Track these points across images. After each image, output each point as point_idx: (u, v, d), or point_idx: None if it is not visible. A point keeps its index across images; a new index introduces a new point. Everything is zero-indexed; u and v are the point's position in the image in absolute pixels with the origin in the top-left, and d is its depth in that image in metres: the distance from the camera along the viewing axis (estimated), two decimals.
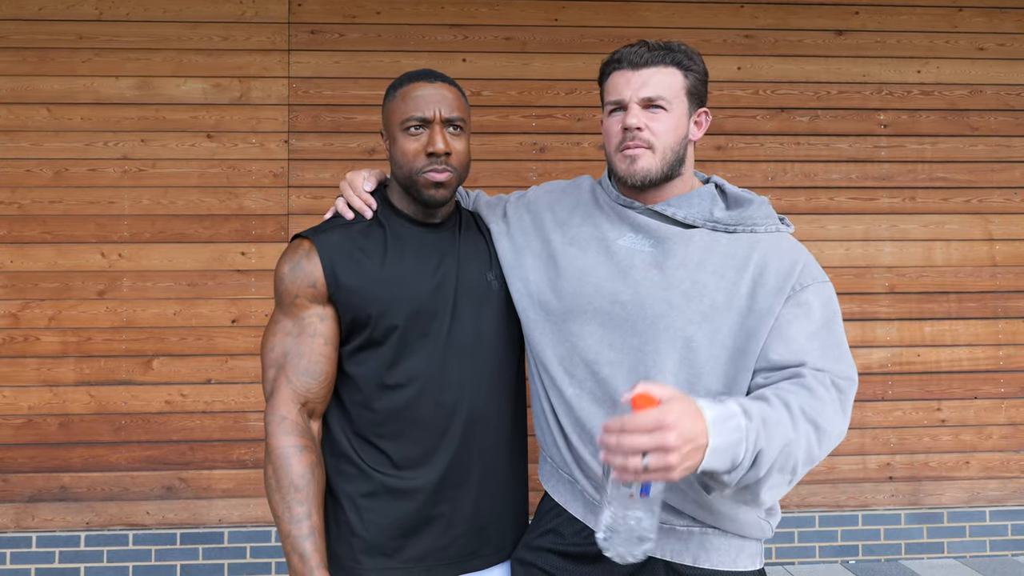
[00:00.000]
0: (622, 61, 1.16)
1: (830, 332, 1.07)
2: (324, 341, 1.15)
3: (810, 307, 1.07)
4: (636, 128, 1.13)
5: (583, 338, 1.14)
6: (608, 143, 1.19)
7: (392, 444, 1.17)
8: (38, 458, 3.07)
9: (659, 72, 1.14)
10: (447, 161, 1.18)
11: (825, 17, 3.36)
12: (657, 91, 1.13)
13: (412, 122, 1.18)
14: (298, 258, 1.17)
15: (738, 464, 0.90)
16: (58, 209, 3.11)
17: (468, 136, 1.23)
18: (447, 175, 1.18)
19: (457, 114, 1.19)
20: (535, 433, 1.29)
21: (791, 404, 0.96)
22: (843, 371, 1.04)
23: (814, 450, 0.97)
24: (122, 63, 3.14)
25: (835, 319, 1.09)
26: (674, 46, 1.16)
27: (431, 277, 1.19)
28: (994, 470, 3.33)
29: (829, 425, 0.98)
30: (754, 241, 1.13)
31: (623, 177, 1.17)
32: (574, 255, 1.19)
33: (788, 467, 0.94)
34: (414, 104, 1.17)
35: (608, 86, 1.18)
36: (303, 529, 1.09)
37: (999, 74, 3.39)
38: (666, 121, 1.14)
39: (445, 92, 1.19)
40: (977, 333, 3.34)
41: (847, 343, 1.09)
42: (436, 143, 1.16)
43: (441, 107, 1.17)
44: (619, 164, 1.16)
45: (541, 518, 1.23)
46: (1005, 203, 3.38)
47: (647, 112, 1.14)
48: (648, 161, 1.14)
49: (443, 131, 1.17)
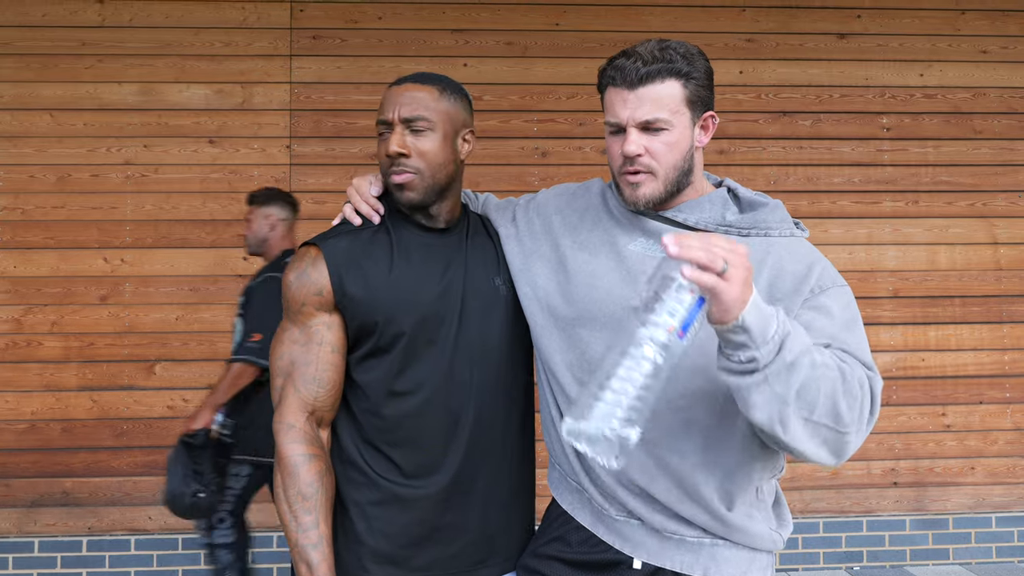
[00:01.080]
0: (616, 78, 1.11)
1: (851, 333, 1.04)
2: (331, 349, 1.14)
3: (829, 311, 1.04)
4: (636, 155, 1.09)
5: (592, 344, 1.12)
6: (611, 163, 1.17)
7: (401, 452, 1.16)
8: (40, 463, 3.07)
9: (656, 89, 1.08)
10: (404, 162, 1.16)
11: (827, 21, 3.36)
12: (655, 112, 1.08)
13: (380, 127, 1.19)
14: (305, 266, 1.15)
15: (768, 339, 0.90)
16: (61, 214, 3.11)
17: (442, 134, 1.18)
18: (407, 176, 1.16)
19: (419, 113, 1.16)
20: (542, 439, 1.28)
21: (842, 363, 0.96)
22: (870, 363, 1.02)
23: (839, 399, 0.94)
24: (125, 69, 3.15)
25: (856, 322, 1.06)
26: (671, 53, 1.10)
27: (438, 283, 1.18)
28: (1000, 476, 3.31)
29: (859, 389, 0.96)
30: (768, 245, 1.10)
31: (626, 202, 1.15)
32: (584, 260, 1.17)
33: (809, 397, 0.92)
34: (381, 108, 1.19)
35: (606, 102, 1.15)
36: (311, 538, 1.08)
37: (1002, 77, 3.38)
38: (667, 140, 1.10)
39: (413, 92, 1.17)
40: (982, 337, 3.33)
41: (869, 348, 1.05)
42: (390, 145, 1.16)
43: (400, 108, 1.16)
44: (623, 188, 1.14)
45: (548, 525, 1.22)
46: (1010, 207, 3.37)
47: (646, 135, 1.09)
48: (651, 187, 1.11)
49: (401, 132, 1.16)
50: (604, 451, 0.86)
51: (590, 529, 1.16)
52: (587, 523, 1.16)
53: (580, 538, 1.16)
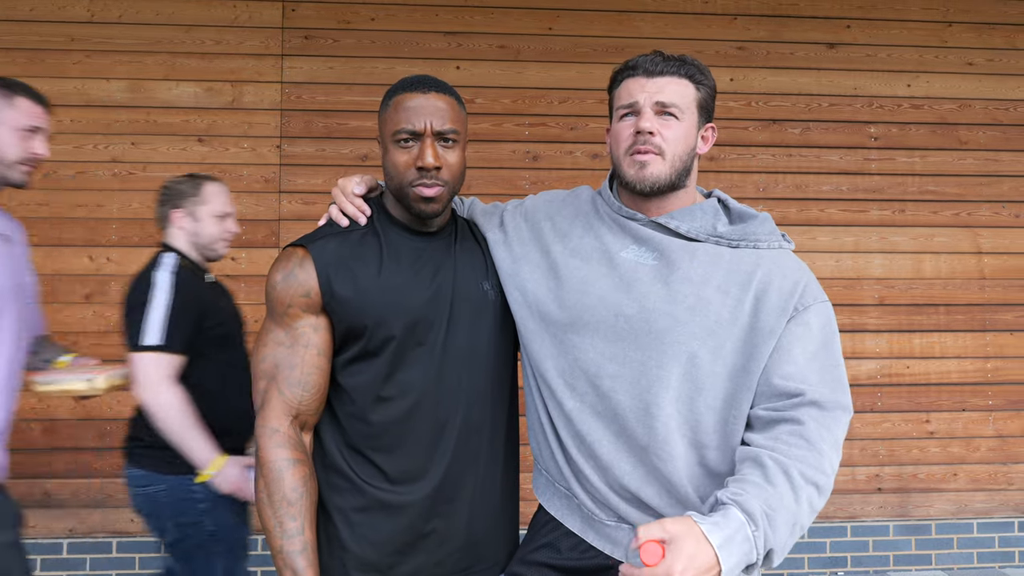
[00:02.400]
0: (637, 68, 1.16)
1: (829, 354, 1.08)
2: (317, 352, 1.13)
3: (810, 327, 1.08)
4: (649, 132, 1.12)
5: (585, 351, 1.13)
6: (617, 147, 1.18)
7: (386, 457, 1.15)
8: (21, 464, 3.01)
9: (673, 82, 1.15)
10: (437, 175, 1.15)
11: (817, 30, 3.39)
12: (671, 98, 1.14)
13: (403, 134, 1.14)
14: (292, 267, 1.14)
15: (752, 564, 0.94)
16: (46, 212, 3.07)
17: (463, 147, 1.20)
18: (437, 189, 1.15)
19: (450, 126, 1.15)
20: (527, 443, 1.27)
21: (791, 473, 0.99)
22: (840, 400, 1.06)
23: (816, 506, 1.01)
24: (113, 65, 3.12)
25: (834, 340, 1.10)
26: (687, 59, 1.17)
27: (427, 287, 1.17)
28: (982, 482, 3.35)
29: (828, 478, 1.01)
30: (757, 257, 1.13)
31: (631, 182, 1.16)
32: (576, 266, 1.18)
33: (796, 534, 0.99)
34: (405, 115, 1.14)
35: (621, 91, 1.18)
36: (296, 544, 1.07)
37: (988, 89, 3.43)
38: (677, 130, 1.14)
39: (438, 103, 1.15)
40: (966, 345, 3.36)
41: (844, 366, 1.10)
42: (426, 158, 1.12)
43: (433, 119, 1.14)
44: (628, 169, 1.15)
45: (536, 531, 1.22)
46: (993, 216, 3.41)
47: (660, 119, 1.14)
48: (658, 167, 1.14)
49: (434, 144, 1.14)
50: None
51: (579, 535, 1.16)
52: (576, 528, 1.16)
53: (570, 544, 1.16)
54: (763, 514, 0.94)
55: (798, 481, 0.98)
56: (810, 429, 1.01)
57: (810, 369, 1.05)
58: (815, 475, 0.99)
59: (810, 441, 1.00)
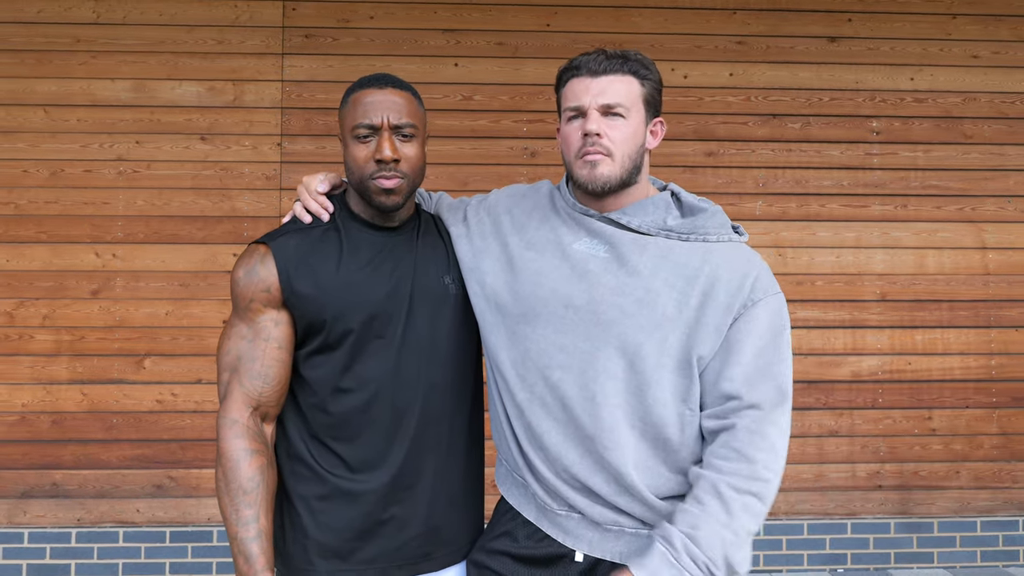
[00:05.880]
0: (580, 68, 1.17)
1: (776, 348, 1.10)
2: (278, 345, 1.16)
3: (758, 322, 1.10)
4: (596, 134, 1.13)
5: (536, 341, 1.15)
6: (567, 150, 1.20)
7: (347, 447, 1.18)
8: (31, 455, 3.10)
9: (617, 80, 1.15)
10: (396, 168, 1.18)
11: (818, 24, 3.36)
12: (616, 98, 1.14)
13: (361, 128, 1.18)
14: (253, 263, 1.17)
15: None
16: (53, 209, 3.15)
17: (422, 141, 1.23)
18: (396, 181, 1.18)
19: (407, 120, 1.18)
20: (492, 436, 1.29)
21: (720, 488, 1.05)
22: (779, 397, 1.09)
23: (759, 509, 1.06)
24: (118, 66, 3.18)
25: (782, 334, 1.11)
26: (631, 55, 1.17)
27: (386, 281, 1.20)
28: (985, 480, 3.30)
29: (765, 481, 1.06)
30: (706, 251, 1.14)
31: (583, 184, 1.17)
32: (531, 258, 1.20)
33: (743, 540, 1.04)
34: (363, 110, 1.18)
35: (567, 92, 1.20)
36: (250, 532, 1.10)
37: (993, 82, 3.38)
38: (624, 129, 1.15)
39: (395, 98, 1.19)
40: (969, 342, 3.32)
41: (791, 356, 1.12)
42: (384, 150, 1.16)
43: (390, 114, 1.17)
44: (579, 171, 1.17)
45: (497, 520, 1.24)
46: (998, 211, 3.36)
47: (606, 119, 1.15)
48: (608, 168, 1.15)
49: (391, 138, 1.17)
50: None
51: (535, 523, 1.18)
52: (532, 517, 1.18)
53: (526, 532, 1.19)
54: (683, 537, 1.02)
55: (728, 495, 1.04)
56: (741, 439, 1.06)
57: (754, 367, 1.08)
58: (748, 484, 1.05)
59: (741, 452, 1.06)
